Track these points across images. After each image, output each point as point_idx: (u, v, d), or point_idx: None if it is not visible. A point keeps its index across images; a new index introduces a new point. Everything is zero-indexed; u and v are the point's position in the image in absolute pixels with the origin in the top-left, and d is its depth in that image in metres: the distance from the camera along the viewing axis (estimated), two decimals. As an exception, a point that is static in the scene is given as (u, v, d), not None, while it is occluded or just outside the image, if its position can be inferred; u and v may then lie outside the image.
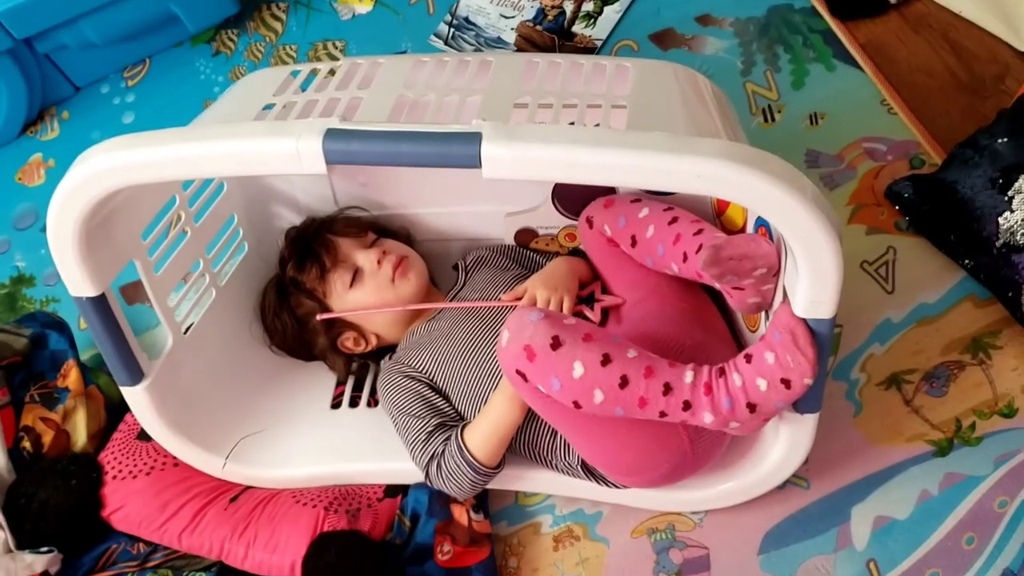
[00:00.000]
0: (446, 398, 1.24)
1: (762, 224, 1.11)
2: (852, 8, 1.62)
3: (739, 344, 1.23)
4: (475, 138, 0.90)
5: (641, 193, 1.29)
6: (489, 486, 1.20)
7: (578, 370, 1.00)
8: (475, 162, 0.90)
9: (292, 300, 1.33)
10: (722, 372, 1.03)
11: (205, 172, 0.96)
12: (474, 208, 1.39)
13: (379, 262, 1.29)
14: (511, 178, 0.91)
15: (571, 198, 1.34)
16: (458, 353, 1.24)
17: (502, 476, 1.19)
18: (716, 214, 1.27)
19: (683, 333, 1.16)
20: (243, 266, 1.39)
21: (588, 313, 1.22)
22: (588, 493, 1.23)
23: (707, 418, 1.02)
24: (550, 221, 1.37)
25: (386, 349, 1.35)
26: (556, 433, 1.18)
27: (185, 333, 1.26)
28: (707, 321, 1.22)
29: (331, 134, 0.92)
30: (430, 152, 0.91)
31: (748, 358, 1.02)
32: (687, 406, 1.02)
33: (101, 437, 1.34)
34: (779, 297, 1.04)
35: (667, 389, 1.01)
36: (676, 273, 1.17)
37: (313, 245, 1.31)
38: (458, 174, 1.25)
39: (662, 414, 1.02)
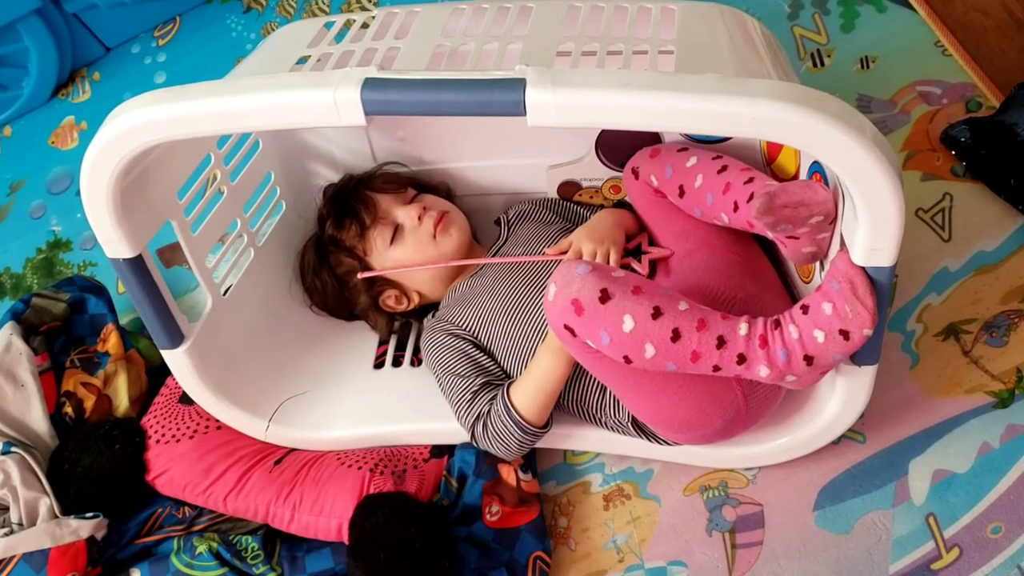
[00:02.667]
0: (491, 356, 1.21)
1: (817, 170, 1.06)
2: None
3: (792, 296, 1.19)
4: (519, 84, 0.87)
5: (688, 141, 1.25)
6: (537, 445, 1.18)
7: (628, 324, 0.97)
8: (519, 109, 0.87)
9: (332, 259, 1.31)
10: (777, 324, 0.99)
11: (240, 126, 0.94)
12: (516, 161, 1.36)
13: (420, 218, 1.27)
14: (557, 126, 0.88)
15: (616, 149, 1.30)
16: (502, 309, 1.21)
17: (550, 435, 1.17)
18: (766, 162, 1.22)
19: (735, 285, 1.12)
20: (281, 225, 1.37)
21: (635, 266, 1.19)
22: (638, 451, 1.21)
23: (762, 372, 0.99)
24: (594, 173, 1.33)
25: (428, 307, 1.32)
26: (605, 389, 1.15)
27: (224, 294, 1.24)
28: (759, 272, 1.18)
29: (369, 83, 0.89)
30: (472, 100, 0.88)
31: (804, 309, 0.98)
32: (741, 359, 0.98)
33: (143, 401, 1.34)
34: (836, 246, 1.00)
35: (720, 342, 0.98)
36: (726, 224, 1.13)
37: (352, 202, 1.29)
38: (499, 126, 1.29)
39: (715, 368, 0.99)
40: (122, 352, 1.35)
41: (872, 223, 0.90)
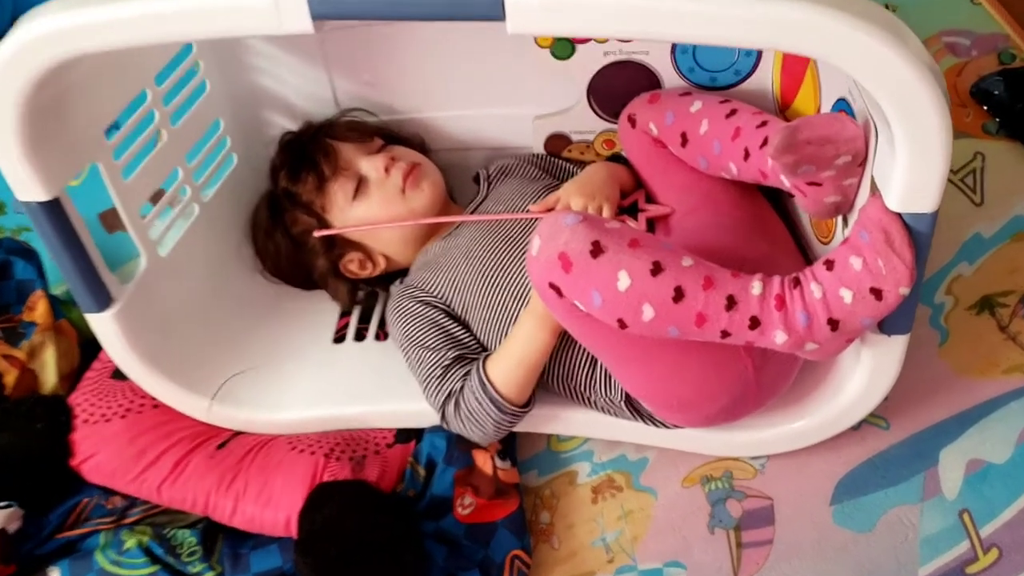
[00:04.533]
0: (466, 326, 1.09)
1: (842, 109, 0.93)
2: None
3: (808, 260, 1.06)
4: None
5: (692, 87, 1.13)
6: (517, 428, 1.06)
7: (623, 281, 0.85)
8: (497, 11, 0.74)
9: (287, 216, 1.19)
10: (797, 282, 0.87)
11: (161, 34, 0.80)
12: (498, 110, 1.24)
13: (387, 169, 1.15)
14: (543, 33, 0.78)
15: (610, 96, 1.18)
16: (479, 272, 1.09)
17: (532, 417, 1.05)
18: (779, 108, 1.11)
19: (744, 244, 1.01)
20: (231, 180, 1.26)
21: (631, 223, 1.06)
22: (632, 435, 1.09)
23: (779, 338, 0.86)
24: (585, 125, 1.22)
25: (396, 274, 1.21)
26: (595, 362, 1.03)
27: (162, 253, 1.12)
28: (771, 231, 1.07)
29: None
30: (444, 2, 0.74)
31: (829, 264, 0.86)
32: (755, 323, 0.86)
33: (74, 378, 1.20)
34: (864, 194, 0.88)
35: (731, 303, 0.85)
36: (734, 176, 1.02)
37: (310, 151, 1.16)
38: (480, 68, 1.20)
39: (724, 333, 0.86)
40: (51, 322, 1.22)
41: (913, 158, 0.78)
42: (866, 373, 0.96)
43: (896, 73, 0.72)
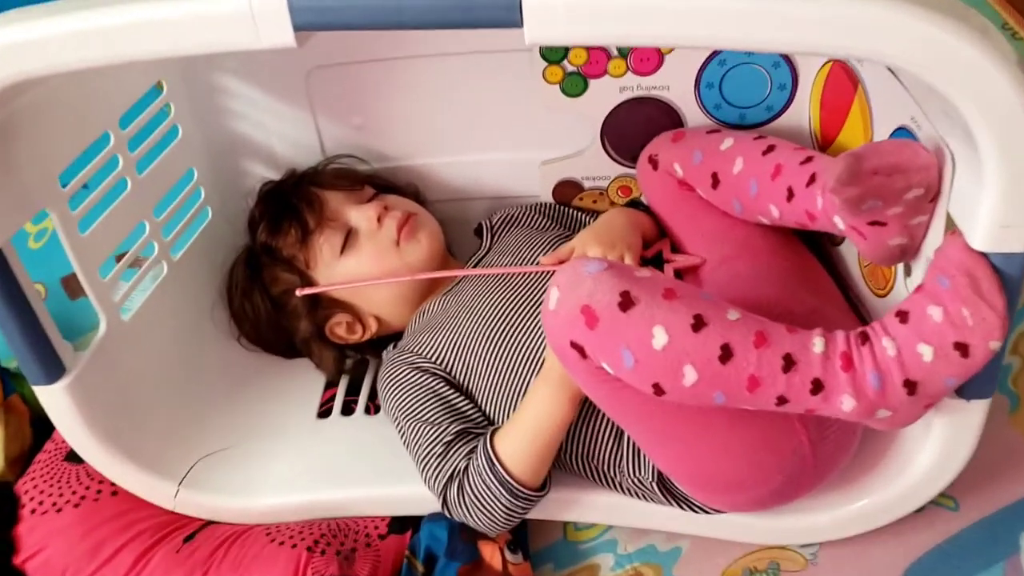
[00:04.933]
0: (469, 396, 0.98)
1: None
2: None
3: (860, 316, 0.95)
4: None
5: (719, 125, 1.04)
6: (530, 516, 0.93)
7: (660, 338, 0.73)
8: (513, 16, 0.63)
9: (266, 274, 1.09)
10: (865, 338, 0.75)
11: (120, 52, 0.69)
12: (500, 155, 1.16)
13: (379, 219, 1.05)
14: (566, 41, 0.66)
15: (627, 138, 1.08)
16: (484, 333, 0.97)
17: (547, 502, 0.93)
18: (819, 146, 1.01)
19: (789, 297, 0.89)
20: (204, 235, 1.17)
21: None
22: (664, 522, 0.96)
23: (846, 404, 0.73)
24: (599, 170, 1.12)
25: (389, 338, 1.10)
26: (621, 436, 0.91)
27: (125, 318, 1.02)
28: (816, 282, 0.95)
29: None
30: (446, 2, 0.63)
31: (902, 316, 0.74)
32: (817, 387, 0.73)
33: (24, 462, 1.09)
34: (935, 234, 0.76)
35: (788, 363, 0.73)
36: (774, 220, 0.91)
37: (292, 200, 1.07)
38: (481, 109, 1.11)
39: (780, 400, 0.74)
40: (0, 398, 1.12)
41: (1007, 188, 0.66)
42: (938, 445, 0.84)
43: (994, 91, 0.62)
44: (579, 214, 1.15)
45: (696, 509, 0.91)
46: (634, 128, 1.06)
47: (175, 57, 0.70)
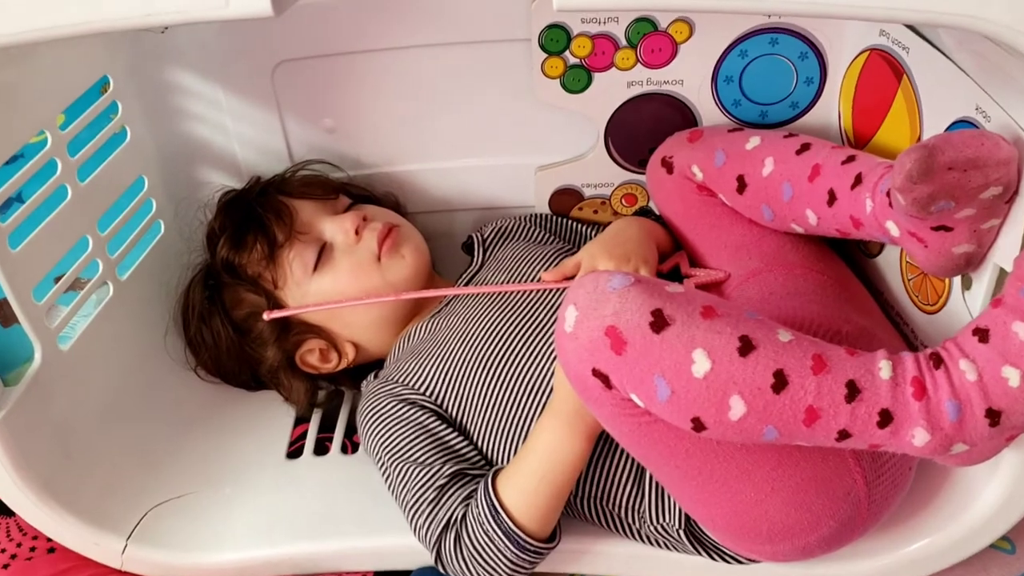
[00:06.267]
0: (464, 433, 0.88)
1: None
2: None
3: (904, 337, 0.85)
4: None
5: (739, 124, 0.95)
6: (538, 569, 0.83)
7: (701, 364, 0.63)
8: None
9: (227, 296, 0.99)
10: (939, 361, 0.65)
11: (65, 22, 0.58)
12: (492, 160, 1.07)
13: (357, 232, 0.96)
14: (611, 6, 0.55)
15: (633, 140, 0.99)
16: (479, 359, 0.87)
17: (557, 553, 0.83)
18: (851, 144, 0.92)
19: (836, 315, 0.79)
20: (156, 252, 1.07)
21: None
22: (692, 575, 0.86)
23: (918, 439, 0.64)
24: (602, 176, 1.03)
25: (369, 366, 1.00)
26: (643, 476, 0.81)
27: (64, 347, 0.92)
28: (858, 298, 0.86)
29: None
30: None
31: (981, 335, 0.64)
32: (886, 419, 0.63)
33: None
34: (1011, 240, 0.67)
35: (852, 392, 0.63)
36: (811, 228, 0.82)
37: (258, 210, 0.97)
38: (468, 107, 1.02)
39: (842, 435, 0.64)
40: None
41: None
42: (1007, 482, 0.75)
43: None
44: (580, 226, 1.06)
45: (729, 559, 0.81)
46: (642, 128, 0.97)
47: (120, 29, 0.58)
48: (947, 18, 0.55)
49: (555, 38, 0.91)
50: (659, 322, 0.63)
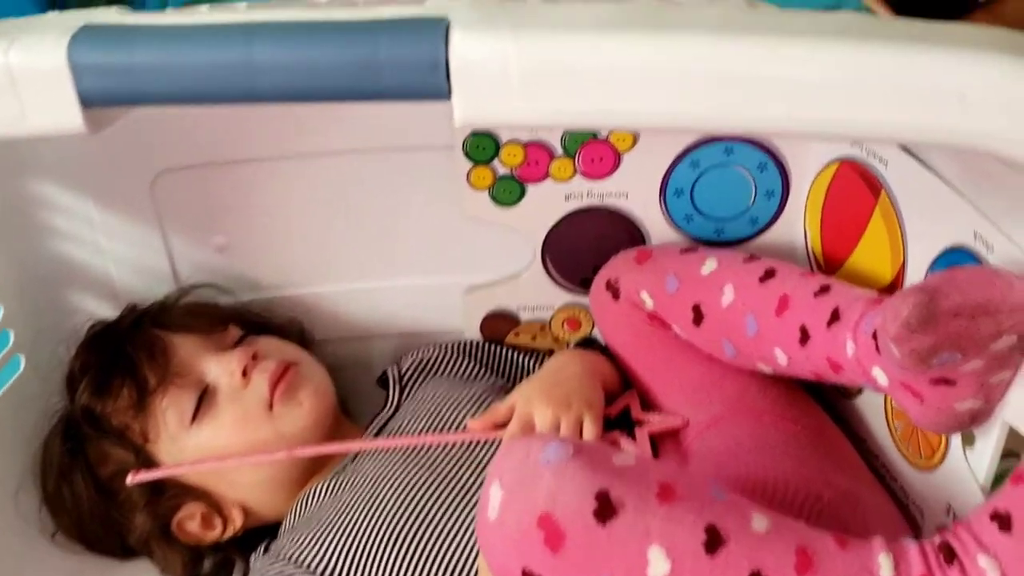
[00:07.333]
0: None
1: (954, 264, 0.61)
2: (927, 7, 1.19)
3: (894, 495, 0.73)
4: (437, 28, 0.40)
5: (691, 242, 0.84)
6: None
7: (659, 566, 0.50)
8: (438, 83, 0.41)
9: (90, 450, 0.82)
10: (951, 554, 0.52)
11: None
12: (413, 280, 0.94)
13: (245, 373, 0.80)
14: (518, 123, 0.47)
15: (574, 257, 0.87)
16: (387, 533, 0.72)
17: None
18: (820, 268, 0.81)
19: (813, 476, 0.66)
20: (12, 394, 0.89)
21: (627, 445, 0.73)
22: None
23: None
24: (540, 298, 0.91)
25: (261, 533, 0.83)
26: None
27: None
28: (837, 452, 0.73)
29: (88, 34, 0.41)
30: (331, 58, 0.41)
31: (1002, 521, 0.52)
32: None
33: None
34: (1017, 395, 0.56)
35: None
36: (780, 369, 0.70)
37: (127, 347, 0.82)
38: (387, 222, 0.91)
39: None
40: None
41: None
42: None
43: None
44: (516, 356, 0.93)
45: None
46: (584, 245, 0.86)
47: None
48: (958, 138, 0.43)
49: (482, 145, 0.79)
50: (605, 509, 0.50)
